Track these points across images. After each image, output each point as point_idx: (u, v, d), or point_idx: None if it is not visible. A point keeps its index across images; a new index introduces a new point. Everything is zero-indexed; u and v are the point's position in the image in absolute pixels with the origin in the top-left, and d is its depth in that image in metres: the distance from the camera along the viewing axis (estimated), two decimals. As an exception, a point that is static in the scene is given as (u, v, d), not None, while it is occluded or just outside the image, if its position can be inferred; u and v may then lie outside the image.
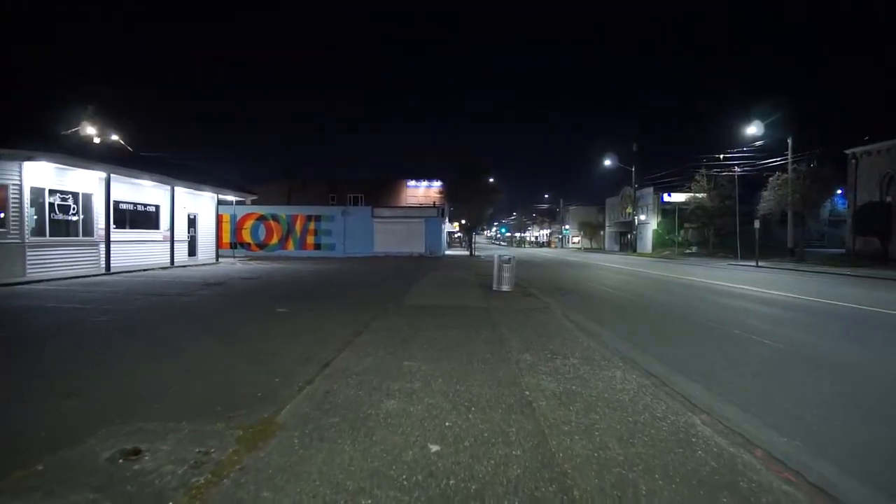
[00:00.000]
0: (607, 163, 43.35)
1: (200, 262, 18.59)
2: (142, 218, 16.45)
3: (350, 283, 13.16)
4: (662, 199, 44.49)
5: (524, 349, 5.41)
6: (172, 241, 16.35)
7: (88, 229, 13.37)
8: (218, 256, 19.45)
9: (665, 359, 5.51)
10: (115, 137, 29.94)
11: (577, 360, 5.06)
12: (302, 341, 5.61)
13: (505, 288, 11.38)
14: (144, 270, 14.51)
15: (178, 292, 9.91)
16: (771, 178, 26.32)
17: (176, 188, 17.31)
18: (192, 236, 19.45)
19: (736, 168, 28.02)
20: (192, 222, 19.58)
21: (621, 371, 4.70)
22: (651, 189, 45.40)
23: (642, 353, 5.77)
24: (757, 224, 24.99)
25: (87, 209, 13.37)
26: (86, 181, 13.32)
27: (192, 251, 19.59)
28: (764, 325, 7.77)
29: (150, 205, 16.75)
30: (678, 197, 42.11)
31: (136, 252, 15.64)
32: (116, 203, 15.07)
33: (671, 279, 16.18)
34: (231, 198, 20.79)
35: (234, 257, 21.53)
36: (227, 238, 32.92)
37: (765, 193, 26.64)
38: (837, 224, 47.65)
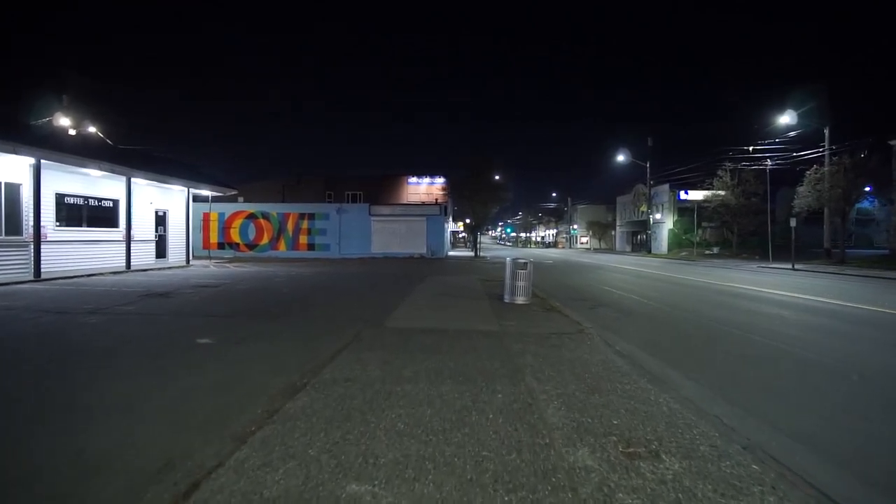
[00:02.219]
0: (620, 158, 40.83)
1: (167, 266, 16.36)
2: (96, 214, 14.24)
3: (330, 291, 10.87)
4: (679, 196, 41.89)
5: (573, 431, 3.08)
6: (129, 241, 14.09)
7: (15, 227, 11.12)
8: (189, 259, 17.18)
9: (841, 449, 3.16)
10: (92, 129, 27.92)
11: (676, 461, 2.73)
12: (188, 415, 3.31)
13: (520, 300, 9.06)
14: (90, 276, 12.27)
15: (95, 308, 7.63)
16: (808, 172, 23.81)
17: (140, 181, 15.10)
18: (160, 235, 17.23)
19: (767, 161, 25.49)
20: (161, 220, 17.37)
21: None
22: (667, 186, 42.82)
23: (776, 433, 3.40)
24: (793, 222, 22.49)
25: (14, 202, 11.14)
26: (11, 169, 11.09)
27: (160, 252, 17.37)
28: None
29: (106, 199, 14.53)
30: (696, 195, 39.55)
31: (84, 254, 13.42)
32: (60, 196, 12.87)
33: (711, 286, 13.77)
34: (206, 192, 18.54)
35: (210, 259, 19.28)
36: (214, 238, 30.81)
37: (800, 189, 24.13)
38: (865, 223, 44.91)
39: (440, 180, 39.50)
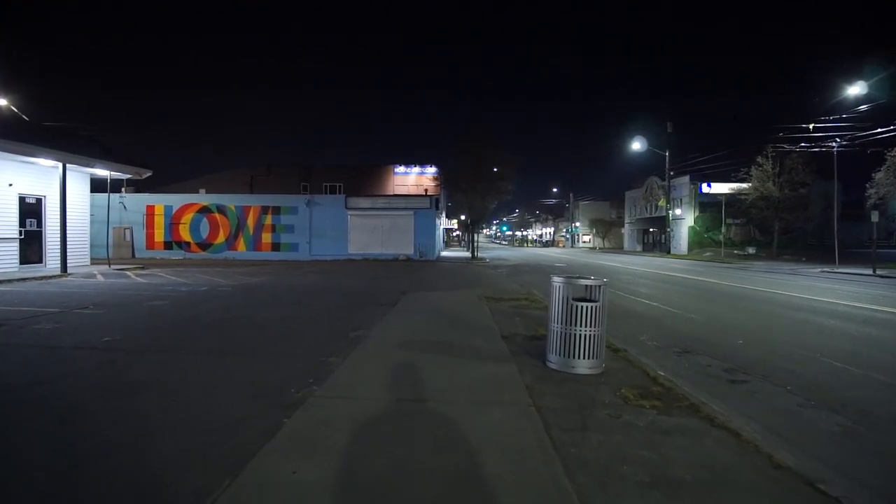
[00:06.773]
0: (636, 146, 35.95)
1: (35, 275, 11.22)
2: None
3: (214, 337, 5.91)
4: (701, 189, 37.16)
5: None
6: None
7: None
8: (66, 264, 11.87)
9: None
10: (2, 102, 22.63)
11: None
12: None
13: (584, 367, 4.22)
14: None
15: None
16: (890, 156, 19.18)
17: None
18: (28, 232, 12.12)
19: (835, 142, 20.71)
20: (32, 211, 12.27)
21: None
22: (686, 178, 38.04)
23: None
24: (875, 217, 17.84)
25: None
26: None
27: (35, 255, 12.29)
28: None
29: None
30: (720, 187, 34.86)
31: None
32: None
33: (846, 311, 8.97)
34: (104, 173, 13.39)
35: (110, 265, 14.12)
36: (161, 236, 25.70)
37: (878, 176, 19.51)
38: (892, 219, 40.53)
39: (431, 170, 34.49)
